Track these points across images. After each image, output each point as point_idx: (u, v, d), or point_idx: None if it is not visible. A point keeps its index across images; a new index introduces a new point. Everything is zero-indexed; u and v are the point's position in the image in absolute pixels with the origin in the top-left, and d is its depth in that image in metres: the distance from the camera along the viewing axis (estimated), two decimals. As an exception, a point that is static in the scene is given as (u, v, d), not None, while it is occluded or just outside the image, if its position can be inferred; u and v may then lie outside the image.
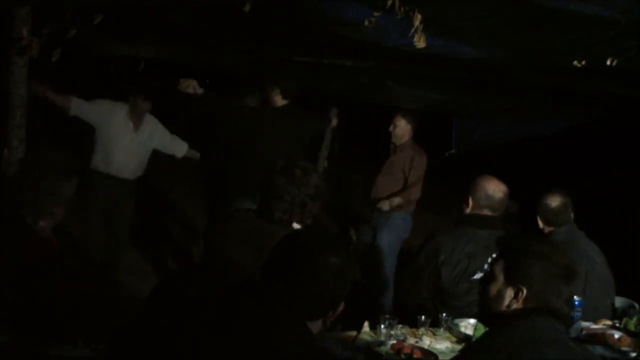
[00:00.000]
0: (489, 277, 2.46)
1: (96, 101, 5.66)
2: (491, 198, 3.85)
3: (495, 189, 3.87)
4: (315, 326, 2.06)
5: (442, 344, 3.41)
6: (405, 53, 3.53)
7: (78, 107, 5.55)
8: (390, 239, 5.91)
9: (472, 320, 3.56)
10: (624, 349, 3.49)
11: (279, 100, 5.38)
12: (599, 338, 3.56)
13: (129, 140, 5.69)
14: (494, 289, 2.42)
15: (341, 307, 2.10)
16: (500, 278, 2.41)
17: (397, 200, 5.84)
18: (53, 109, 5.43)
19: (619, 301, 4.15)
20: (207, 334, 1.94)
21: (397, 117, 6.00)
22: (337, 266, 2.04)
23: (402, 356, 3.19)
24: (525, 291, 2.34)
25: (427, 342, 3.39)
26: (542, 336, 2.26)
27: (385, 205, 5.82)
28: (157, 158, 6.01)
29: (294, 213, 3.18)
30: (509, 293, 2.37)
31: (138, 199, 5.94)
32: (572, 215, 4.23)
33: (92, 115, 5.61)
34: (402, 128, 5.99)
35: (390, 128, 6.01)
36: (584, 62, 3.35)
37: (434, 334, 3.53)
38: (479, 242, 3.79)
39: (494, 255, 3.65)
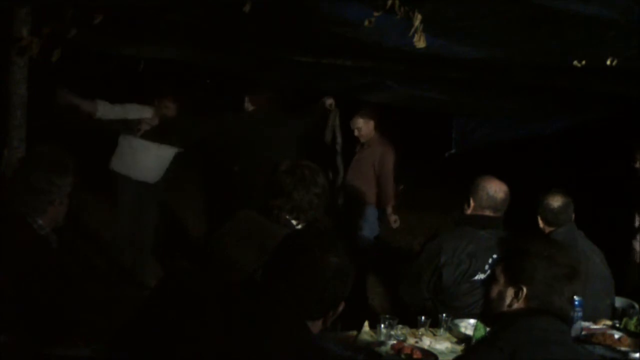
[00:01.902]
0: (491, 279, 2.47)
1: (124, 105, 5.63)
2: (493, 198, 3.85)
3: (496, 189, 3.86)
4: (316, 326, 2.06)
5: (442, 345, 3.41)
6: (405, 53, 3.53)
7: (105, 110, 5.49)
8: (364, 233, 5.93)
9: (472, 321, 3.56)
10: (624, 349, 3.49)
11: (249, 107, 5.44)
12: (599, 338, 3.56)
13: (157, 145, 5.69)
14: (495, 290, 2.43)
15: (341, 307, 2.10)
16: (501, 279, 2.42)
17: (390, 208, 5.83)
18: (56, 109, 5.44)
19: (619, 301, 4.15)
20: (207, 334, 1.94)
21: (354, 120, 5.90)
22: (338, 266, 2.04)
23: (402, 356, 3.19)
24: (525, 290, 2.34)
25: (427, 342, 3.39)
26: (545, 335, 2.26)
27: (395, 224, 5.84)
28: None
29: (301, 212, 3.18)
30: (510, 293, 2.38)
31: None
32: (572, 215, 4.23)
33: (120, 113, 5.58)
34: (364, 128, 5.91)
35: (356, 133, 5.91)
36: (583, 62, 3.35)
37: (434, 335, 3.53)
38: (480, 242, 3.79)
39: (495, 257, 3.68)
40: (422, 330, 3.55)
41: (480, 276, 3.73)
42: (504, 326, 2.33)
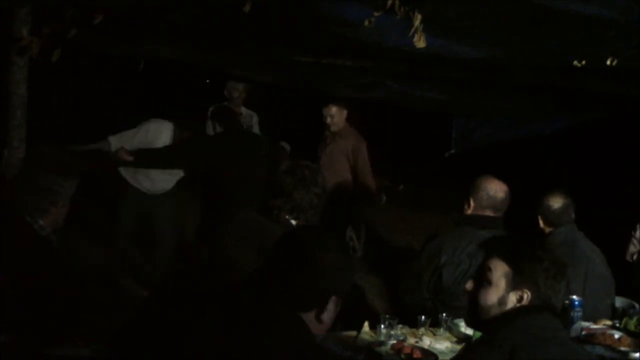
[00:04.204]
0: (484, 283, 2.39)
1: (140, 127, 5.65)
2: (493, 198, 3.84)
3: (496, 189, 3.85)
4: (315, 325, 2.06)
5: (442, 344, 3.41)
6: (405, 53, 3.53)
7: (118, 141, 5.54)
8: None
9: (472, 320, 3.56)
10: (624, 349, 3.48)
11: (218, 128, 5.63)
12: (599, 338, 3.56)
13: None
14: (493, 296, 2.36)
15: (339, 304, 2.09)
16: (501, 284, 2.35)
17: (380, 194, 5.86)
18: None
19: (619, 301, 4.15)
20: (207, 334, 1.94)
21: (327, 107, 5.81)
22: (339, 265, 2.04)
23: (402, 356, 3.19)
24: (529, 294, 2.32)
25: (427, 342, 3.39)
26: (543, 333, 2.25)
27: (382, 201, 5.86)
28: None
29: (301, 212, 3.19)
30: (512, 298, 2.34)
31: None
32: (573, 215, 4.23)
33: (135, 143, 5.59)
34: (338, 116, 5.83)
35: (328, 120, 5.83)
36: (583, 62, 3.35)
37: (434, 334, 3.53)
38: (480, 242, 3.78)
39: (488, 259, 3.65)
40: (422, 330, 3.55)
41: (480, 276, 3.72)
42: (501, 325, 2.31)
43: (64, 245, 3.20)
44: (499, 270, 2.38)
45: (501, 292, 2.35)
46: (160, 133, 5.64)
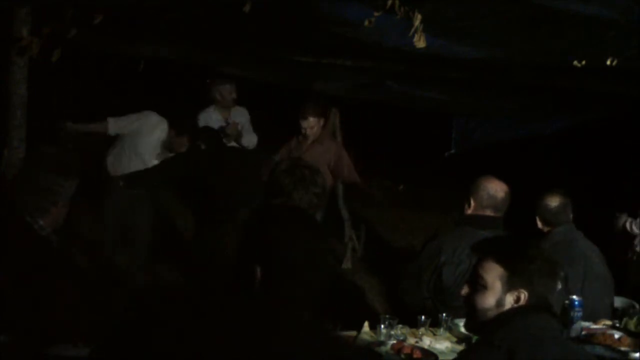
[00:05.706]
0: (480, 287, 2.38)
1: (141, 115, 5.62)
2: (494, 198, 3.83)
3: (497, 188, 3.85)
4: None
5: (442, 344, 3.41)
6: (405, 53, 3.54)
7: (117, 125, 5.52)
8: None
9: (472, 320, 3.56)
10: (624, 349, 3.48)
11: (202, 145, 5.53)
12: (599, 338, 3.56)
13: (160, 158, 5.69)
14: (490, 299, 2.34)
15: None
16: (497, 286, 2.34)
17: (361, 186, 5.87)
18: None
19: (619, 301, 4.15)
20: (207, 334, 1.94)
21: (306, 120, 5.62)
22: (337, 259, 2.05)
23: (402, 356, 3.19)
24: (526, 294, 2.32)
25: (427, 342, 3.39)
26: (542, 333, 2.26)
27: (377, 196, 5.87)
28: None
29: None
30: (509, 299, 2.33)
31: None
32: (571, 215, 4.23)
33: (133, 127, 5.56)
34: (317, 126, 5.67)
35: (307, 132, 5.64)
36: (583, 62, 3.35)
37: (434, 334, 3.53)
38: (480, 242, 3.78)
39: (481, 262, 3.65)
40: (422, 330, 3.55)
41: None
42: (498, 325, 2.31)
43: (64, 245, 3.20)
44: (493, 273, 2.36)
45: (498, 294, 2.34)
46: (155, 129, 5.60)
